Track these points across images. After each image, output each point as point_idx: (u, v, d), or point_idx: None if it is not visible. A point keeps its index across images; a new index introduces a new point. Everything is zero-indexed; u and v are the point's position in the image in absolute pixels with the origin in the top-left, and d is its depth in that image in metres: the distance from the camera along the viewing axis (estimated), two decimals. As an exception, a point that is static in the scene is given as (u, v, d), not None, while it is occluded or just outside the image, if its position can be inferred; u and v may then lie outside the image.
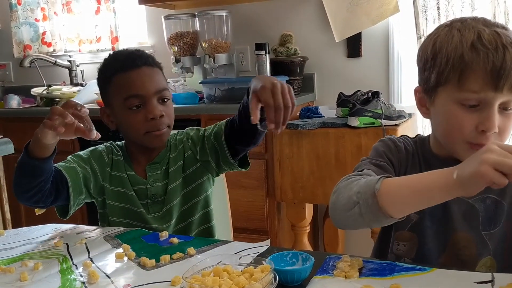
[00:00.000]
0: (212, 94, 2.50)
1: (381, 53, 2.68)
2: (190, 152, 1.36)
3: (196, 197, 1.36)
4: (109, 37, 3.21)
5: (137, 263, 1.01)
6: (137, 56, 1.29)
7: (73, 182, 1.25)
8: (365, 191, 0.89)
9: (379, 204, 0.87)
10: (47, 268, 1.00)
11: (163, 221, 1.33)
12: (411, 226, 1.05)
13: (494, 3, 2.32)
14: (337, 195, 0.95)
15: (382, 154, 1.07)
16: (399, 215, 0.88)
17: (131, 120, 1.27)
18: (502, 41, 0.91)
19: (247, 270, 0.87)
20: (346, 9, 2.64)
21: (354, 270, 0.88)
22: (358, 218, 0.90)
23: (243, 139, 1.28)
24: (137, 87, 1.26)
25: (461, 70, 0.93)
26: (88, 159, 1.33)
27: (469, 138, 0.95)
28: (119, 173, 1.34)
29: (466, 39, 0.93)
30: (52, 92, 2.97)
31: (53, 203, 1.24)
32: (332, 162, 2.18)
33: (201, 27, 2.80)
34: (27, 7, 3.43)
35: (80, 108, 1.06)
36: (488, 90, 0.91)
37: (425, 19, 2.44)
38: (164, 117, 1.28)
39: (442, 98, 0.98)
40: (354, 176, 0.97)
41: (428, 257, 1.04)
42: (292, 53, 2.65)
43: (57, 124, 1.04)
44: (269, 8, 2.86)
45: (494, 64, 0.90)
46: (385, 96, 2.51)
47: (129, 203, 1.33)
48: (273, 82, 1.04)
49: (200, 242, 1.11)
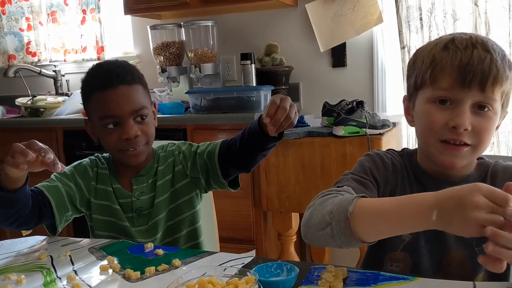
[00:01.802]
0: (198, 104, 2.51)
1: (365, 63, 2.71)
2: (180, 167, 1.36)
3: (183, 213, 1.36)
4: (95, 47, 3.21)
5: (122, 275, 1.00)
6: (114, 74, 1.26)
7: (56, 200, 1.25)
8: (338, 212, 0.86)
9: (351, 228, 0.84)
10: (30, 281, 0.99)
11: (148, 234, 1.32)
12: (403, 247, 1.04)
13: (475, 14, 2.36)
14: (311, 212, 0.92)
15: (367, 171, 1.05)
16: (371, 239, 0.86)
17: (107, 138, 1.28)
18: (472, 42, 0.95)
19: (232, 281, 0.87)
20: (331, 19, 2.67)
21: (338, 280, 0.88)
22: (329, 239, 0.87)
23: (239, 163, 1.29)
24: (113, 107, 1.25)
25: (432, 69, 0.96)
26: (72, 175, 1.32)
27: (442, 135, 0.96)
28: (104, 186, 1.34)
29: (440, 42, 0.98)
30: (37, 102, 2.95)
31: (38, 223, 1.24)
32: (318, 171, 2.19)
33: (187, 37, 2.81)
34: (11, 17, 3.42)
35: (44, 155, 1.03)
36: (457, 87, 0.94)
37: (408, 30, 2.48)
38: (140, 136, 1.27)
39: (419, 100, 1.01)
40: (332, 193, 0.95)
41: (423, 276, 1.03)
42: (277, 62, 2.67)
43: (20, 162, 1.03)
44: (255, 19, 2.88)
45: (461, 60, 0.93)
46: (369, 105, 2.54)
47: (114, 216, 1.33)
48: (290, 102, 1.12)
49: (185, 254, 1.11)
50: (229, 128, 2.34)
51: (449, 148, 0.96)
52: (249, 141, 1.24)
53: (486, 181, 1.03)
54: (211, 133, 2.38)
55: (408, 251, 1.04)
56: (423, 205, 0.78)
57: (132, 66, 1.34)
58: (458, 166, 0.99)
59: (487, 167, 1.05)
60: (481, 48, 0.94)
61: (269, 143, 1.23)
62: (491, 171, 1.04)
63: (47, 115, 2.86)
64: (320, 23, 2.69)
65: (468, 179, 1.02)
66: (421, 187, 1.05)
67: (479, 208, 0.71)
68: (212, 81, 2.86)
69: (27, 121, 2.88)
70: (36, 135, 2.71)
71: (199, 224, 1.40)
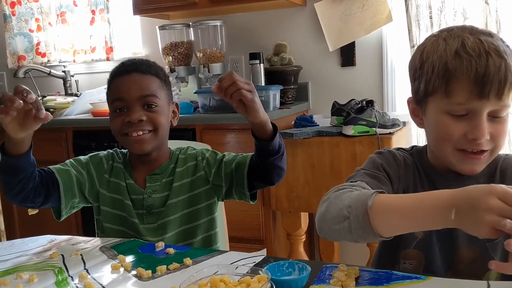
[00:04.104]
0: (207, 104, 2.51)
1: (374, 62, 2.70)
2: (202, 173, 1.36)
3: (200, 219, 1.36)
4: (104, 47, 3.22)
5: (133, 274, 1.00)
6: (131, 63, 1.34)
7: (65, 184, 1.28)
8: (356, 206, 0.85)
9: (370, 222, 0.84)
10: (42, 280, 1.00)
11: (157, 233, 1.32)
12: (416, 244, 1.04)
13: (486, 12, 2.34)
14: (327, 206, 0.91)
15: (379, 167, 1.04)
16: (389, 235, 0.86)
17: (113, 122, 1.32)
18: (485, 48, 0.91)
19: (244, 280, 0.87)
20: (340, 18, 2.66)
21: (350, 279, 0.88)
22: (346, 233, 0.87)
23: (260, 175, 1.28)
24: (122, 91, 1.30)
25: (447, 79, 0.93)
26: (87, 164, 1.36)
27: (460, 145, 0.95)
28: (118, 180, 1.35)
29: (450, 47, 0.94)
30: (47, 103, 2.96)
31: (44, 203, 1.27)
32: (327, 171, 2.19)
33: (196, 37, 2.81)
34: (21, 18, 3.43)
35: (26, 94, 1.06)
36: (474, 99, 0.91)
37: (418, 28, 2.46)
38: (145, 122, 1.29)
39: (431, 108, 0.99)
40: (346, 187, 0.94)
41: (437, 275, 1.02)
42: (286, 62, 2.66)
43: (8, 108, 1.05)
44: (263, 18, 2.88)
45: (477, 71, 0.90)
46: (379, 104, 2.53)
47: (125, 211, 1.33)
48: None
49: (196, 252, 1.11)
50: (238, 128, 2.34)
51: (468, 157, 0.96)
52: (256, 152, 1.25)
53: (496, 175, 1.04)
54: (220, 133, 2.38)
55: (420, 248, 1.04)
56: (441, 203, 0.78)
57: (154, 62, 1.38)
58: (478, 171, 1.00)
59: (496, 162, 1.05)
60: (495, 54, 0.90)
61: (266, 146, 1.21)
62: (501, 166, 1.04)
63: (57, 116, 2.88)
64: (329, 22, 2.69)
65: (476, 175, 1.02)
66: (432, 184, 1.05)
67: (491, 210, 0.72)
68: (221, 81, 2.85)
69: (37, 121, 2.88)
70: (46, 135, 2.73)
71: (215, 231, 1.39)
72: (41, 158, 1.93)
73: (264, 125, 1.19)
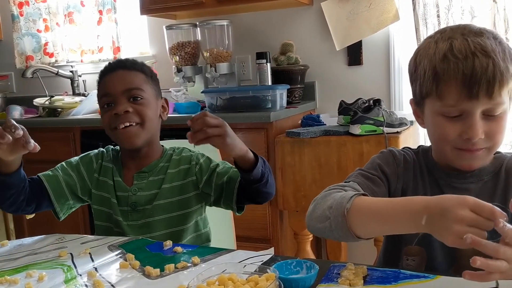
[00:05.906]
0: (214, 103, 2.51)
1: (382, 61, 2.69)
2: (194, 178, 1.36)
3: (187, 223, 1.36)
4: (111, 47, 3.23)
5: (142, 272, 1.01)
6: (117, 61, 1.40)
7: (54, 190, 1.33)
8: (337, 207, 0.90)
9: (347, 224, 0.88)
10: (51, 278, 1.00)
11: (140, 231, 1.32)
12: (418, 240, 1.05)
13: (494, 10, 2.33)
14: (314, 206, 0.98)
15: (376, 167, 1.08)
16: (366, 236, 0.90)
17: (103, 117, 1.35)
18: (471, 49, 0.92)
19: (252, 278, 0.87)
20: (347, 17, 2.65)
21: (358, 278, 0.88)
22: (328, 232, 0.92)
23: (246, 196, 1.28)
24: (108, 87, 1.34)
25: (437, 83, 0.95)
26: (77, 165, 1.39)
27: (456, 144, 0.98)
28: (106, 179, 1.38)
29: (439, 50, 0.96)
30: (55, 103, 2.98)
31: (37, 210, 1.33)
32: (334, 170, 2.18)
33: (203, 37, 2.82)
34: (29, 18, 3.45)
35: (14, 130, 1.09)
36: (464, 100, 0.93)
37: (425, 27, 2.45)
38: (131, 113, 1.31)
39: (428, 110, 1.02)
40: (336, 188, 0.99)
41: (439, 271, 1.02)
42: (293, 61, 2.66)
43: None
44: (270, 17, 2.88)
45: (464, 73, 0.91)
46: (386, 103, 2.52)
47: (111, 209, 1.36)
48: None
49: (204, 251, 1.11)
50: (245, 127, 2.34)
51: (465, 154, 0.98)
52: (240, 178, 1.25)
53: (501, 174, 1.04)
54: (227, 132, 2.38)
55: (423, 245, 1.05)
56: (414, 208, 0.82)
57: (140, 61, 1.41)
58: (475, 167, 1.02)
59: (502, 161, 1.05)
60: (481, 55, 0.91)
61: (247, 176, 1.21)
62: (506, 165, 1.05)
63: (65, 115, 2.89)
64: (335, 21, 2.68)
65: (480, 173, 1.04)
66: (435, 182, 1.07)
67: (461, 221, 0.74)
68: (228, 80, 2.86)
69: (45, 121, 2.91)
70: (54, 134, 2.75)
71: (206, 230, 1.42)
72: (49, 157, 1.95)
73: (244, 157, 1.19)
